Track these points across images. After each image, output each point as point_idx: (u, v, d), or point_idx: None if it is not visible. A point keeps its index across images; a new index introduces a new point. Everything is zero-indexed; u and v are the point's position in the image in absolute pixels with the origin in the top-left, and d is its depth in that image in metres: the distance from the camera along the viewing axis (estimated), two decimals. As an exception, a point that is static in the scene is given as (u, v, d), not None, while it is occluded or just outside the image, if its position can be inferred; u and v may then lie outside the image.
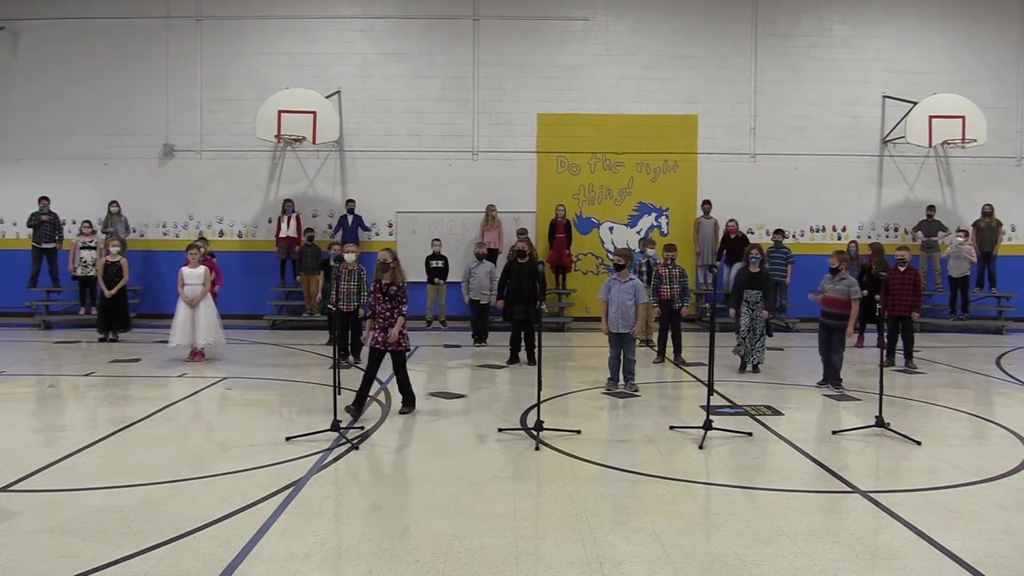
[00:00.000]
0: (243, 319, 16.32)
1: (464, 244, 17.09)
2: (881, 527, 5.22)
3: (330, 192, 17.44)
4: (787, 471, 6.50)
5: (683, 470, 6.43)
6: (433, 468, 6.41)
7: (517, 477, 6.23)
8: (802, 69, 17.58)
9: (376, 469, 6.46)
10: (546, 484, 6.15)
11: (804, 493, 5.92)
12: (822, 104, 17.50)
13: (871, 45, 17.59)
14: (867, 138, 17.61)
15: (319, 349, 12.90)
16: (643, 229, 17.49)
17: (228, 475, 6.11)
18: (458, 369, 11.60)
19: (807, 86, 17.55)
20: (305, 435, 7.18)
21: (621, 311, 9.50)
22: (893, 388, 9.78)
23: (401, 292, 8.12)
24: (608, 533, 5.03)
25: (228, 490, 5.76)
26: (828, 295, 9.78)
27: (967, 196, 17.58)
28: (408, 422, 7.99)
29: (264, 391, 9.76)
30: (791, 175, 17.51)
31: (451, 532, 5.01)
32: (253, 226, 17.43)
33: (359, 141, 17.35)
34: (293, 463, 6.40)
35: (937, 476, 6.35)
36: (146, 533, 4.93)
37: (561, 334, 15.76)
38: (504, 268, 12.25)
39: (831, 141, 17.48)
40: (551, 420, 7.68)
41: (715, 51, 17.52)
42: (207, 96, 17.29)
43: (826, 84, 17.52)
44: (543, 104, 17.34)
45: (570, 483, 6.06)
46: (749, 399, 9.18)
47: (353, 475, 6.29)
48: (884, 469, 6.69)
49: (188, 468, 6.32)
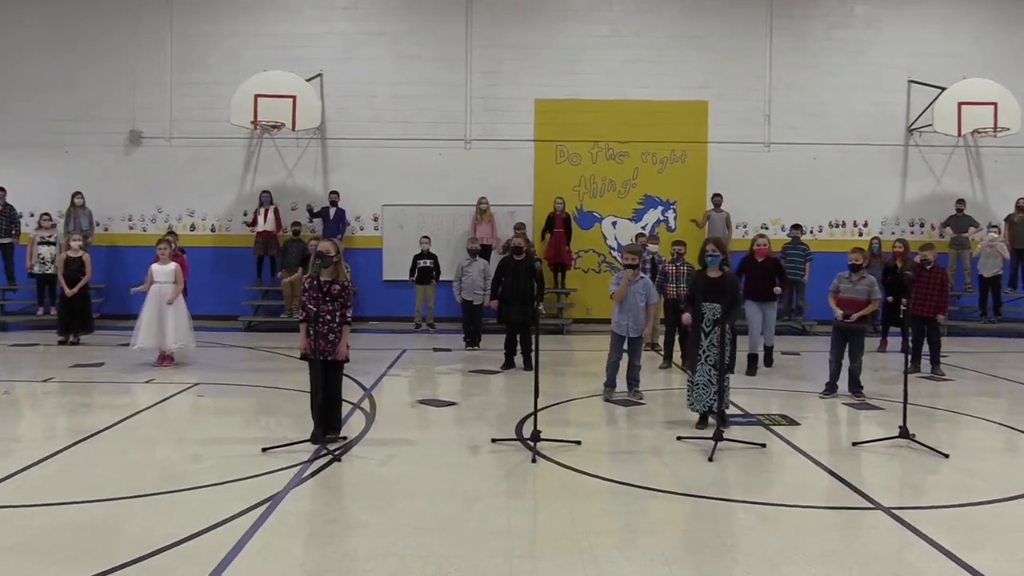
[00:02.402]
0: (216, 320, 16.28)
1: (455, 239, 17.08)
2: (905, 546, 5.21)
3: (311, 183, 17.41)
4: (804, 486, 6.49)
5: (692, 485, 6.42)
6: (421, 482, 6.39)
7: (512, 492, 6.22)
8: (821, 51, 17.59)
9: (359, 483, 6.44)
10: (544, 499, 6.13)
11: (822, 510, 5.92)
12: (842, 89, 17.51)
13: (895, 26, 17.62)
14: (891, 126, 17.63)
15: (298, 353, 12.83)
16: (649, 224, 17.50)
17: (199, 489, 6.08)
18: (449, 375, 11.57)
19: (826, 70, 17.57)
20: (283, 446, 7.16)
21: (633, 312, 9.48)
22: (918, 396, 9.77)
23: (346, 292, 7.46)
24: (611, 553, 5.02)
25: (199, 506, 5.73)
26: (845, 296, 9.72)
27: (999, 189, 17.61)
28: (394, 432, 7.97)
29: (239, 398, 9.72)
30: (809, 166, 17.53)
31: (441, 552, 4.99)
32: (227, 219, 17.39)
33: (342, 128, 17.32)
34: (270, 476, 6.38)
35: (966, 492, 6.36)
36: (108, 554, 4.90)
37: (560, 337, 15.75)
38: (499, 266, 12.24)
39: (852, 129, 17.50)
40: (549, 430, 7.67)
41: (727, 32, 17.53)
42: (177, 79, 17.23)
43: (847, 68, 17.55)
44: (541, 89, 17.32)
45: (570, 498, 6.04)
46: (763, 408, 9.18)
47: (335, 489, 6.27)
48: (908, 484, 6.69)
49: (155, 482, 6.29)
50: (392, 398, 9.88)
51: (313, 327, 7.25)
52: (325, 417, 7.42)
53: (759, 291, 11.51)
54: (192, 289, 13.37)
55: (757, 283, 11.49)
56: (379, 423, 8.33)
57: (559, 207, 16.65)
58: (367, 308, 16.93)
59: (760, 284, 11.49)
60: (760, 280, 11.50)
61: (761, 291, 11.50)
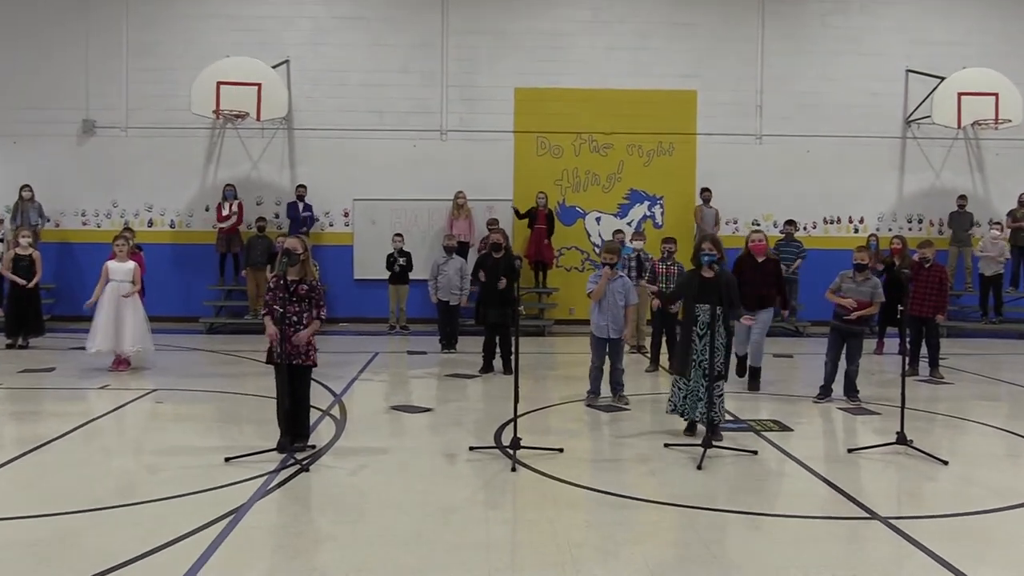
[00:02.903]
0: (175, 322, 16.18)
1: (431, 236, 17.07)
2: (903, 558, 5.25)
3: (277, 176, 17.34)
4: (797, 494, 6.53)
5: (679, 494, 6.44)
6: (394, 493, 6.38)
7: (491, 502, 6.22)
8: (815, 39, 17.72)
9: (329, 494, 6.42)
10: (523, 510, 6.13)
11: (816, 520, 5.95)
12: (837, 79, 17.64)
13: (893, 13, 17.76)
14: (888, 118, 17.78)
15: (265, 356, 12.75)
16: (635, 220, 17.55)
17: (158, 502, 6.03)
18: (423, 379, 11.56)
19: (820, 59, 17.70)
20: (247, 455, 7.12)
21: (612, 313, 9.50)
22: (916, 400, 9.85)
23: (316, 292, 7.41)
24: (594, 566, 5.03)
25: (158, 519, 5.68)
26: (847, 297, 9.76)
27: (1000, 183, 17.81)
28: (366, 440, 7.95)
29: (200, 405, 9.67)
30: (802, 159, 17.65)
31: (415, 566, 4.98)
32: (188, 215, 17.29)
33: (310, 118, 17.26)
34: (233, 488, 6.34)
35: (967, 500, 6.41)
36: (62, 571, 4.86)
37: (541, 339, 15.77)
38: (476, 263, 12.25)
39: (847, 121, 17.63)
40: (529, 437, 7.67)
41: (717, 18, 17.62)
42: (134, 65, 17.10)
43: (842, 57, 17.68)
44: (521, 77, 17.34)
45: (551, 509, 6.05)
46: (754, 413, 9.22)
47: (302, 501, 6.24)
48: (907, 492, 6.75)
49: (111, 495, 6.24)
50: (364, 404, 9.84)
51: (280, 329, 7.21)
52: (292, 424, 7.37)
53: (760, 296, 10.32)
54: (150, 289, 13.26)
55: (757, 287, 10.28)
56: (350, 431, 8.30)
57: (540, 202, 16.67)
58: (337, 309, 16.88)
59: (761, 289, 10.32)
60: (760, 284, 10.34)
61: (764, 297, 10.34)
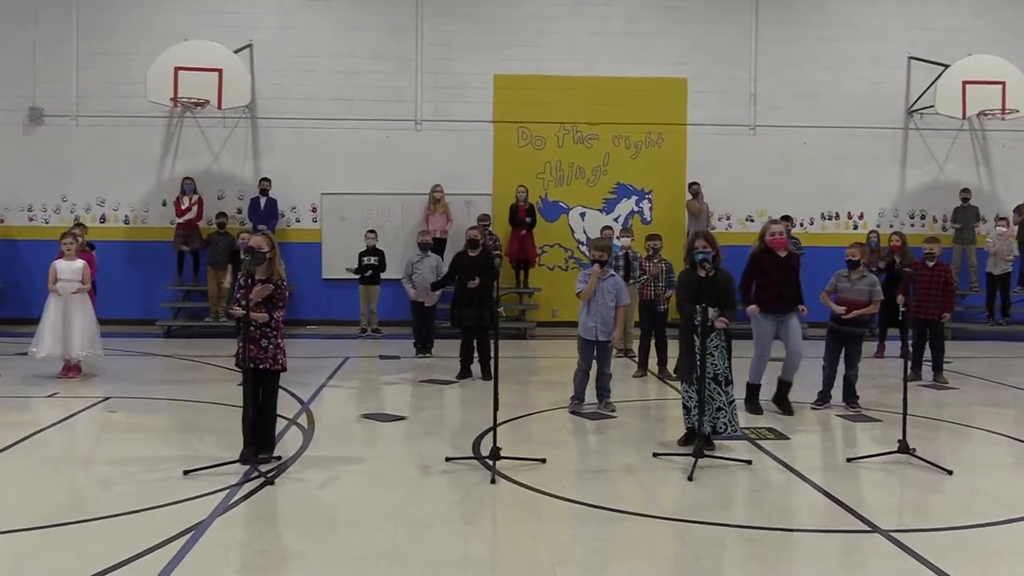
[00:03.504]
0: (130, 325, 16.06)
1: (405, 233, 17.04)
2: (905, 573, 5.28)
3: (239, 169, 17.26)
4: (794, 506, 6.57)
5: (669, 506, 6.46)
6: (366, 507, 6.37)
7: (469, 517, 6.22)
8: (812, 25, 17.81)
9: (296, 509, 6.40)
10: (504, 525, 6.14)
11: (814, 533, 5.99)
12: (835, 67, 17.74)
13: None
14: (889, 108, 17.89)
15: (226, 361, 12.73)
16: (622, 215, 17.59)
17: (111, 519, 5.99)
18: (397, 385, 11.54)
19: (818, 45, 17.78)
20: (208, 468, 7.08)
21: (601, 314, 9.50)
22: (920, 407, 9.89)
23: (280, 292, 7.41)
24: (579, 584, 5.04)
25: (111, 538, 5.65)
26: (843, 296, 9.78)
27: (1008, 176, 17.99)
28: (335, 451, 7.92)
29: (156, 414, 9.63)
30: (798, 151, 17.73)
31: (388, 585, 4.98)
32: (143, 210, 17.18)
33: (275, 106, 17.19)
34: (193, 503, 6.31)
35: (972, 512, 6.46)
36: (6, 591, 4.83)
37: (522, 342, 15.78)
38: (452, 262, 12.21)
39: (846, 111, 17.73)
40: (510, 447, 7.67)
41: (709, 2, 17.67)
42: (85, 48, 16.96)
43: (841, 43, 17.76)
44: (501, 64, 17.34)
45: (533, 523, 6.05)
46: (749, 421, 9.25)
47: (267, 517, 6.22)
48: (909, 503, 6.80)
49: (61, 511, 6.19)
50: (333, 412, 9.82)
51: (244, 331, 7.18)
52: (257, 434, 7.35)
53: (782, 298, 9.42)
54: (103, 289, 13.19)
55: (782, 287, 9.42)
56: (318, 440, 8.27)
57: (521, 196, 16.67)
58: (304, 310, 16.82)
59: (787, 289, 9.44)
60: (786, 284, 9.44)
61: (787, 298, 9.44)
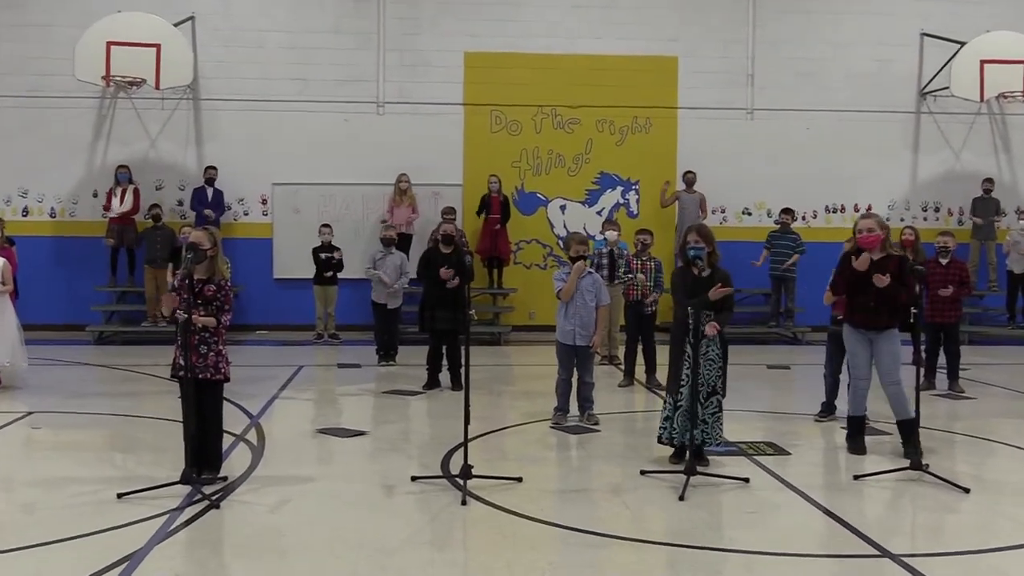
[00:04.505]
0: (57, 331, 15.98)
1: (367, 228, 17.00)
2: (918, 601, 5.33)
3: (181, 156, 17.16)
4: (795, 529, 6.59)
5: (659, 529, 6.48)
6: (322, 532, 6.35)
7: (437, 542, 6.21)
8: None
9: (244, 535, 6.37)
10: (476, 551, 6.14)
11: (817, 558, 6.02)
12: (841, 44, 17.84)
13: (905, -34, 18.02)
14: (900, 89, 18.01)
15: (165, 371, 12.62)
16: (606, 208, 17.62)
17: (35, 548, 5.93)
18: (357, 396, 11.53)
19: (822, 20, 17.90)
20: (145, 490, 7.03)
21: (580, 316, 9.50)
22: (933, 418, 9.96)
23: (223, 293, 7.37)
24: (559, 616, 5.04)
25: (35, 569, 5.61)
26: (846, 297, 9.82)
27: (1030, 165, 18.17)
28: (288, 469, 7.89)
29: (86, 431, 9.55)
30: (800, 137, 17.82)
31: (346, 619, 4.96)
32: (72, 202, 17.04)
33: (221, 87, 17.11)
34: (128, 529, 6.26)
35: (991, 534, 6.51)
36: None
37: (496, 348, 15.79)
38: (421, 259, 12.17)
39: (853, 93, 17.83)
40: (483, 465, 7.66)
41: (702, -29, 17.76)
42: (2, 19, 16.80)
43: (847, 18, 17.89)
44: (472, 40, 17.33)
45: (508, 549, 6.05)
46: (746, 434, 9.28)
47: (212, 544, 6.20)
48: (922, 525, 6.85)
49: (-22, 538, 6.14)
50: (285, 427, 9.79)
51: (182, 337, 7.14)
52: (200, 452, 7.32)
53: (878, 312, 8.51)
54: (25, 291, 13.07)
55: (864, 297, 8.51)
56: (269, 459, 8.24)
57: (495, 187, 16.66)
58: (253, 314, 16.74)
59: (877, 301, 8.45)
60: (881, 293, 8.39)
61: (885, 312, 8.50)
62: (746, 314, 16.82)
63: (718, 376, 7.98)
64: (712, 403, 7.93)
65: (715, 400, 7.95)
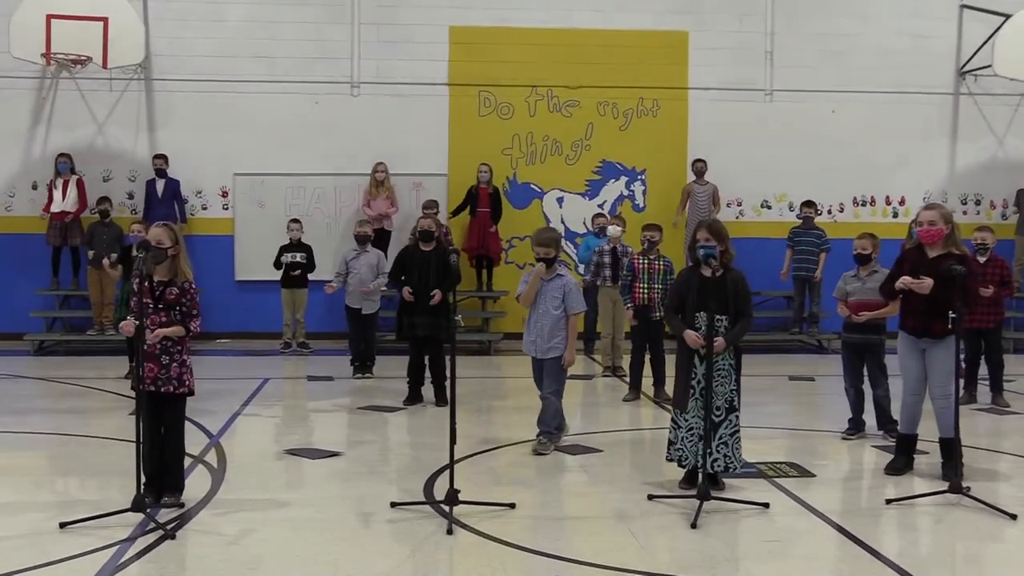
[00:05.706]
0: (-8, 340, 15.99)
1: (340, 223, 17.00)
2: (957, 640, 5.35)
3: (131, 143, 17.14)
4: (820, 558, 6.61)
5: (669, 560, 6.49)
6: (291, 563, 6.34)
7: (420, 574, 6.21)
8: (842, -35, 17.99)
9: (203, 567, 6.37)
10: (463, 586, 6.14)
11: (846, 592, 6.04)
12: (871, 17, 17.88)
13: (941, -70, 18.08)
14: (937, 68, 18.04)
15: (114, 385, 12.66)
16: (609, 201, 17.62)
17: (-32, 583, 5.94)
18: (330, 413, 11.54)
19: (849, -10, 17.97)
20: (91, 519, 7.03)
21: (540, 325, 9.33)
22: (975, 436, 10.00)
23: (188, 296, 7.40)
24: (557, 658, 5.05)
25: (-32, 606, 5.61)
26: (855, 299, 9.80)
27: (1081, 152, 18.22)
28: (252, 494, 7.89)
29: (25, 452, 9.51)
30: (825, 122, 17.84)
31: (318, 662, 4.97)
32: (8, 195, 17.02)
33: (175, 65, 17.08)
34: (72, 563, 6.25)
35: (1038, 564, 6.54)
36: None
37: (485, 359, 15.80)
38: (398, 258, 12.14)
39: (884, 72, 17.86)
40: (470, 490, 7.67)
41: (714, -64, 17.81)
42: (-70, -8, 16.82)
43: (876, -12, 17.97)
44: (458, 12, 17.34)
45: (500, 584, 6.06)
46: (765, 454, 9.30)
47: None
48: (963, 555, 6.86)
49: (-96, 573, 6.13)
50: (249, 447, 9.81)
51: (139, 346, 7.13)
52: (158, 474, 7.34)
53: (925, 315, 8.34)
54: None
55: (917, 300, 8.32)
56: (231, 482, 8.23)
57: (484, 177, 16.67)
58: (213, 321, 16.61)
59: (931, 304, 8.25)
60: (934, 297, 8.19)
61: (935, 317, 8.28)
62: (765, 319, 16.84)
63: (733, 390, 7.93)
64: (730, 421, 7.83)
65: (733, 418, 7.86)
